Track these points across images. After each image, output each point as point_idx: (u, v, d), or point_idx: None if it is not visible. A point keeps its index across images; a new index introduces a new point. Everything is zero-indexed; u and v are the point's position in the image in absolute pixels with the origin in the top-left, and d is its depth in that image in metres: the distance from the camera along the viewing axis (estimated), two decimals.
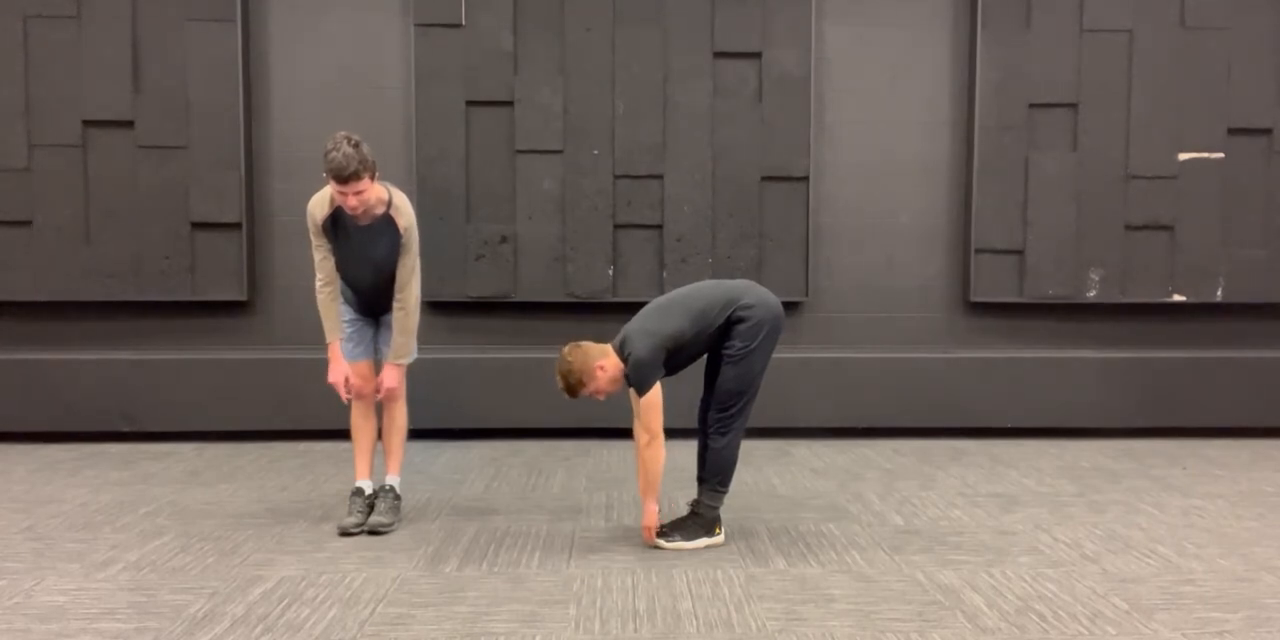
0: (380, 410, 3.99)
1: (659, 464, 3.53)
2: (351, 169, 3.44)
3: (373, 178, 3.55)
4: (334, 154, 3.44)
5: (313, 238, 3.75)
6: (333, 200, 3.63)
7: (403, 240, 3.73)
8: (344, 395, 3.85)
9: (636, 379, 3.46)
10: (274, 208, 5.67)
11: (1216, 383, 5.64)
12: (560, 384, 3.53)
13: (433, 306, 5.56)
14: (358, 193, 3.52)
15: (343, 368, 3.83)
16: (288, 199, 5.57)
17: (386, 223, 3.70)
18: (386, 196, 3.70)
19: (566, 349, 3.54)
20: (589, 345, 3.55)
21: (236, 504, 4.19)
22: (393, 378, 3.85)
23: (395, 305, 3.79)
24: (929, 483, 4.60)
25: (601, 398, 3.59)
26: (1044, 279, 5.74)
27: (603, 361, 3.50)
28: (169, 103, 5.48)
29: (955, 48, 5.78)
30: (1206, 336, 5.86)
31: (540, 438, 5.53)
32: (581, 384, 3.50)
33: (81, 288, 5.52)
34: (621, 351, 3.52)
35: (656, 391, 3.47)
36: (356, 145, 3.47)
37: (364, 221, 3.67)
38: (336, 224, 3.70)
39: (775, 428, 5.44)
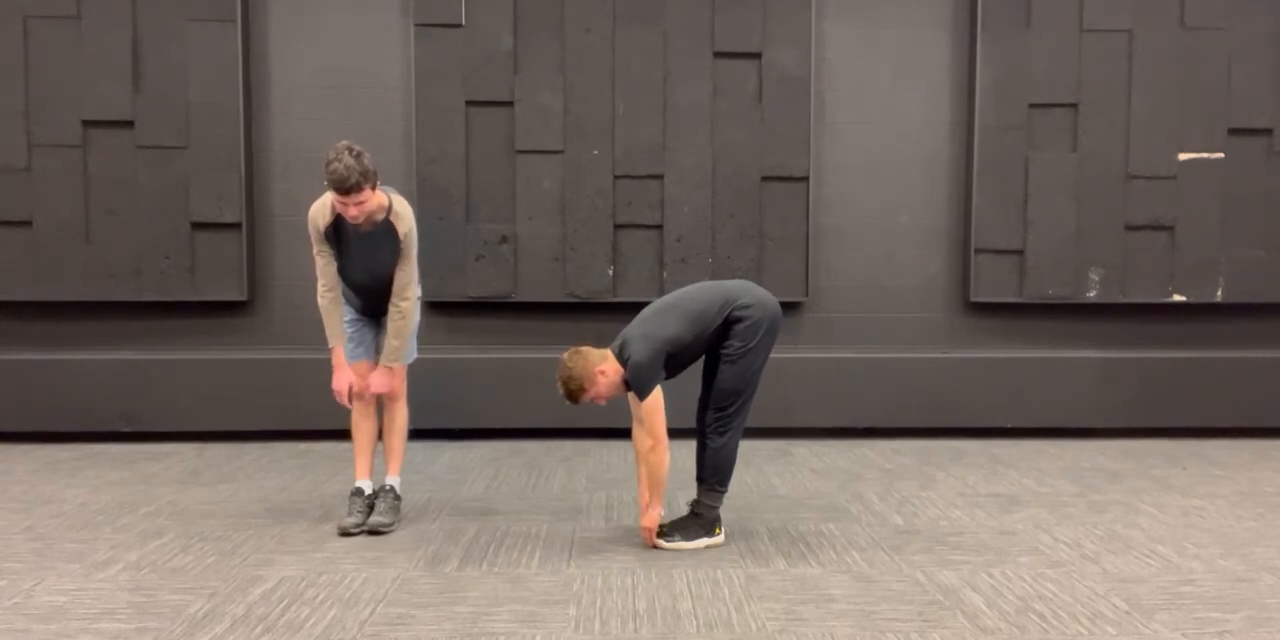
0: (380, 410, 3.99)
1: (664, 468, 3.53)
2: (353, 181, 3.44)
3: (374, 187, 3.56)
4: (335, 165, 3.43)
5: (315, 244, 3.75)
6: (334, 207, 3.63)
7: (402, 246, 3.73)
8: (346, 404, 3.86)
9: (637, 383, 3.46)
10: (274, 208, 5.66)
11: (1216, 383, 5.64)
12: (561, 390, 3.53)
13: (433, 306, 5.56)
14: (359, 203, 3.52)
15: (347, 375, 3.83)
16: (288, 199, 5.57)
17: (387, 229, 3.70)
18: (387, 203, 3.70)
19: (566, 355, 3.54)
20: (588, 350, 3.55)
21: (236, 504, 4.19)
22: (382, 381, 3.85)
23: (392, 309, 3.80)
24: (929, 483, 4.60)
25: (603, 403, 3.59)
26: (1044, 279, 5.74)
27: (603, 366, 3.50)
28: (169, 103, 5.48)
29: (955, 48, 5.78)
30: (1206, 336, 5.86)
31: (540, 438, 5.53)
32: (583, 390, 3.49)
33: (81, 288, 5.52)
34: (621, 356, 3.51)
35: (658, 395, 3.47)
36: (358, 156, 3.47)
37: (365, 228, 3.68)
38: (338, 230, 3.70)
39: (775, 428, 5.44)
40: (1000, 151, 5.70)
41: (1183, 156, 5.73)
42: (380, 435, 4.02)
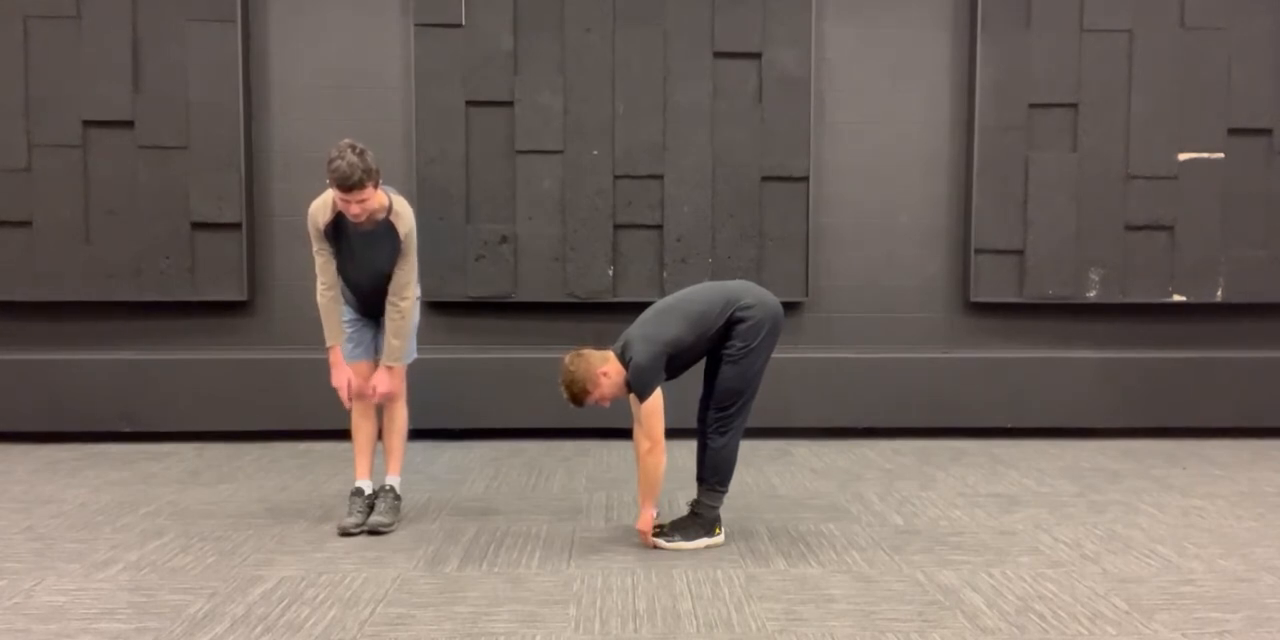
0: (380, 410, 3.99)
1: (660, 470, 3.53)
2: (356, 178, 3.45)
3: (376, 185, 3.57)
4: (339, 162, 3.44)
5: (314, 242, 3.75)
6: (334, 205, 3.64)
7: (402, 246, 3.73)
8: (346, 401, 3.86)
9: (638, 385, 3.46)
10: (274, 208, 5.66)
11: (1216, 383, 5.64)
12: (565, 394, 3.53)
13: (433, 306, 5.56)
14: (361, 201, 3.53)
15: (345, 372, 3.83)
16: (288, 199, 5.57)
17: (387, 228, 3.71)
18: (387, 202, 3.70)
19: (568, 358, 3.54)
20: (590, 353, 3.55)
21: (236, 504, 4.19)
22: (384, 381, 3.85)
23: (390, 309, 3.79)
24: (929, 483, 4.60)
25: (606, 404, 3.59)
26: (1044, 279, 5.74)
27: (605, 368, 3.50)
28: (169, 103, 5.48)
29: (955, 48, 5.78)
30: (1206, 336, 5.86)
31: (540, 438, 5.53)
32: (586, 392, 3.49)
33: (81, 288, 5.52)
34: (623, 357, 3.51)
35: (658, 397, 3.47)
36: (361, 153, 3.48)
37: (365, 227, 3.68)
38: (338, 229, 3.71)
39: (775, 428, 5.44)
40: (1000, 151, 5.70)
41: (1183, 156, 5.73)
42: (380, 435, 4.02)
